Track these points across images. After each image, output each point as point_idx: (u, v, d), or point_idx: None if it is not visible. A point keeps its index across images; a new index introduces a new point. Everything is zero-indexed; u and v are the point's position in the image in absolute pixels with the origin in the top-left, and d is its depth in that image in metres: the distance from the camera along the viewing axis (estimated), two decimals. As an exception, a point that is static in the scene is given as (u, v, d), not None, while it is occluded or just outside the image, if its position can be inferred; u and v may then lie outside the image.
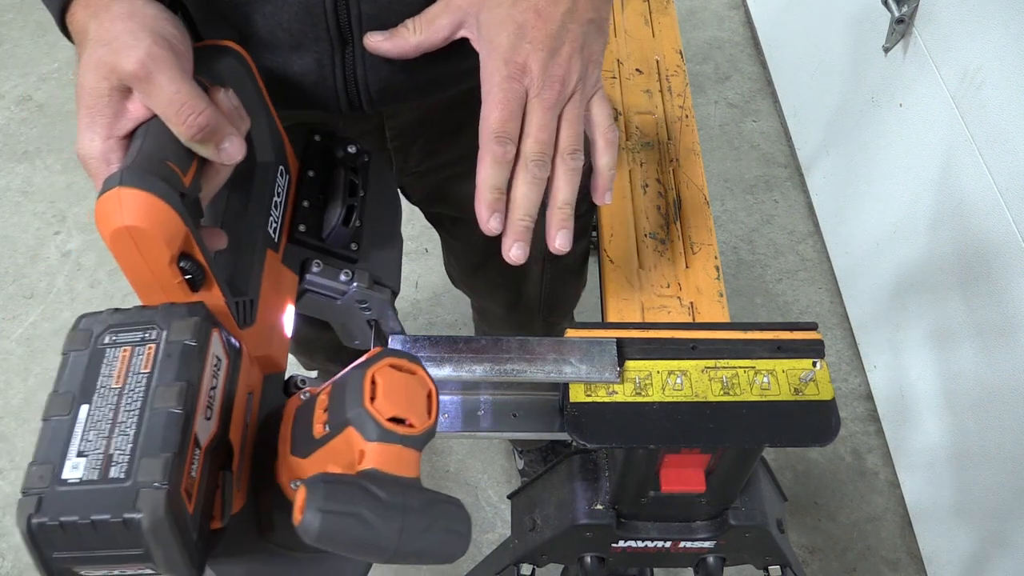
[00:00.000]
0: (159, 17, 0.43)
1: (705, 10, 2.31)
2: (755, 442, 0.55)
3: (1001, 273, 1.10)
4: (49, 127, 2.07)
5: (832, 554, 1.43)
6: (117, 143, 0.42)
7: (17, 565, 1.42)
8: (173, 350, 0.35)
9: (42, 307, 1.74)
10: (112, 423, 0.34)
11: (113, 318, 0.37)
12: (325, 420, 0.37)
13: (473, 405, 0.60)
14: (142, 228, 0.36)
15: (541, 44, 0.48)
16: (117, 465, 0.32)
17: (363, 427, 0.34)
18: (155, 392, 0.34)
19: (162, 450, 0.32)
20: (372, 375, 0.35)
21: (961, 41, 1.16)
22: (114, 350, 0.36)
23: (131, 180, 0.36)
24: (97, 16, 0.43)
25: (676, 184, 0.80)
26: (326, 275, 0.51)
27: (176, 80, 0.41)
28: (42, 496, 0.32)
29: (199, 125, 0.40)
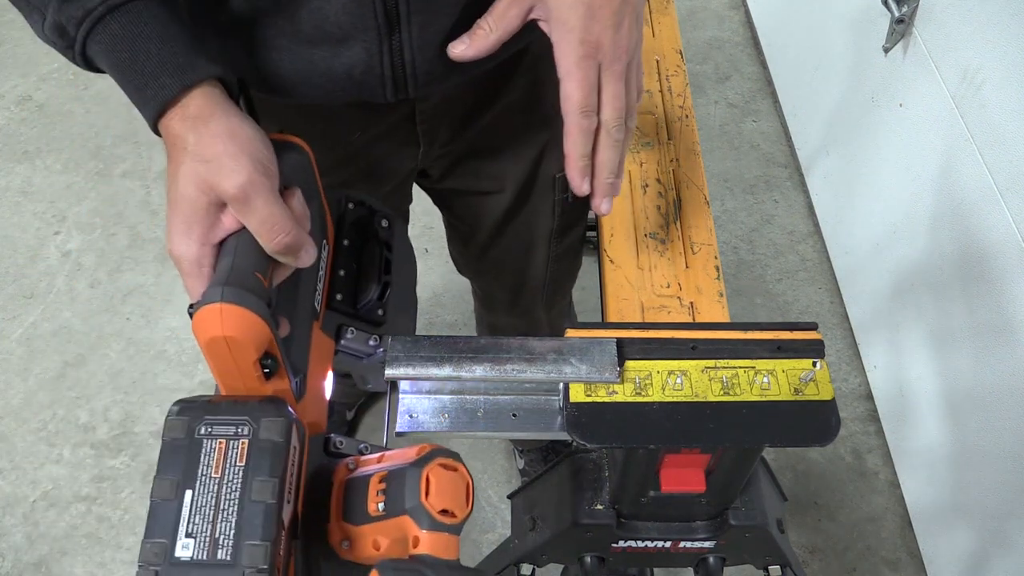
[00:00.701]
0: (255, 139, 0.47)
1: (705, 10, 2.31)
2: (755, 442, 0.55)
3: (1001, 273, 1.10)
4: (49, 127, 2.07)
5: (832, 554, 1.43)
6: (211, 249, 0.46)
7: (17, 565, 1.42)
8: (264, 446, 0.41)
9: (42, 307, 1.74)
10: (215, 509, 0.39)
11: (208, 410, 0.42)
12: (381, 501, 0.43)
13: (473, 405, 0.60)
14: (238, 339, 0.41)
15: (609, 21, 0.53)
16: (223, 548, 0.38)
17: (419, 518, 0.42)
18: (252, 485, 0.40)
19: (262, 538, 0.39)
20: (427, 474, 0.43)
21: (961, 41, 1.16)
22: (211, 441, 0.41)
23: (230, 297, 0.42)
24: (196, 130, 0.46)
25: (676, 184, 0.80)
26: (357, 340, 0.57)
27: (270, 203, 0.45)
28: (158, 571, 0.38)
29: (287, 244, 0.46)
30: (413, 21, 0.59)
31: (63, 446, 1.55)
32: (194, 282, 0.46)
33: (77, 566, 1.42)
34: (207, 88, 0.48)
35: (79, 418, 1.58)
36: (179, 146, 0.47)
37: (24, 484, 1.51)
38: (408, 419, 0.59)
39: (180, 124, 0.47)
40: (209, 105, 0.47)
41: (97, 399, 1.61)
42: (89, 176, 1.97)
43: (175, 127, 0.47)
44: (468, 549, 1.42)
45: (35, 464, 1.53)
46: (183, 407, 0.43)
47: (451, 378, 0.56)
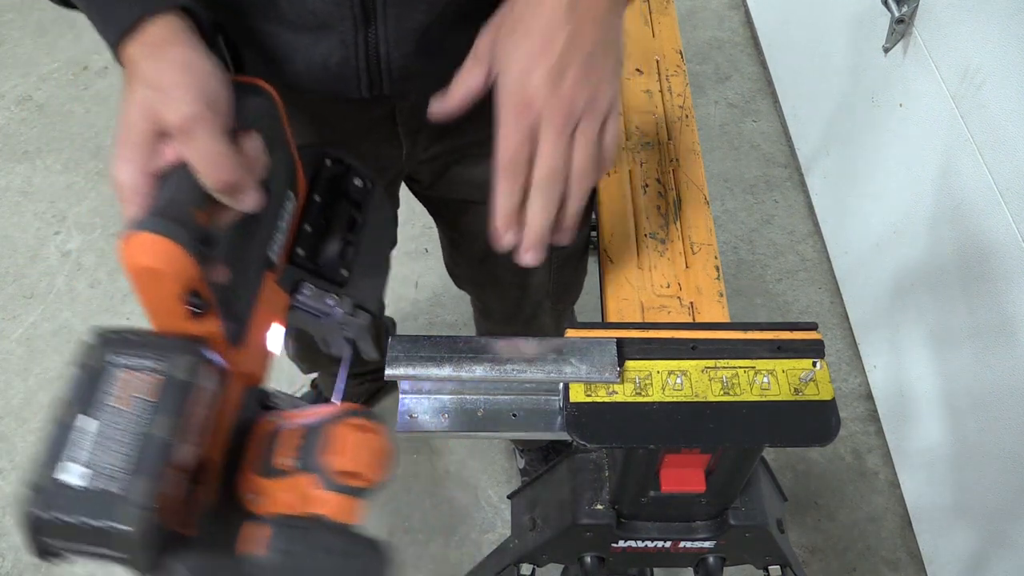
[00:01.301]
0: (210, 74, 0.46)
1: (705, 10, 2.31)
2: (755, 442, 0.55)
3: (1001, 273, 1.10)
4: (49, 127, 2.07)
5: (832, 554, 1.43)
6: (148, 179, 0.45)
7: (17, 565, 1.42)
8: (170, 383, 0.40)
9: (42, 307, 1.74)
10: (111, 440, 0.38)
11: (122, 339, 0.42)
12: (289, 457, 0.42)
13: (473, 405, 0.60)
14: (160, 269, 0.40)
15: (547, 72, 0.50)
16: (112, 480, 0.37)
17: (320, 477, 0.41)
18: (152, 421, 0.39)
19: (151, 474, 0.37)
20: (334, 432, 0.42)
21: (961, 41, 1.16)
22: (119, 371, 0.40)
23: (155, 227, 0.41)
24: (153, 57, 0.46)
25: (676, 184, 0.80)
26: (314, 298, 0.55)
27: (213, 139, 0.44)
28: (43, 493, 0.37)
29: (225, 182, 0.44)
30: (389, 14, 0.59)
31: (63, 446, 1.55)
32: (130, 209, 0.45)
33: (77, 566, 1.42)
34: (171, 18, 0.47)
35: (79, 418, 1.59)
36: (135, 72, 0.46)
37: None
38: (408, 419, 0.59)
39: (138, 50, 0.47)
40: (169, 34, 0.47)
41: (97, 399, 1.61)
42: (89, 176, 1.97)
43: (133, 53, 0.47)
44: (468, 549, 1.42)
45: (35, 464, 1.53)
46: (100, 335, 0.42)
47: (451, 378, 0.56)
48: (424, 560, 1.42)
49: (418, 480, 1.51)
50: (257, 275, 0.50)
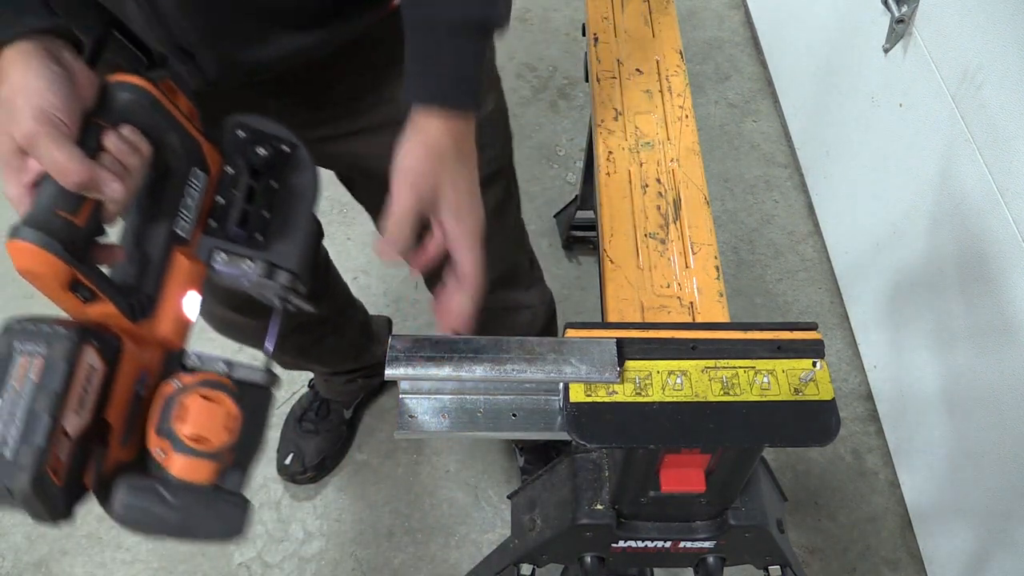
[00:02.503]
0: (43, 91, 0.51)
1: (705, 10, 2.31)
2: (755, 442, 0.55)
3: (1001, 273, 1.10)
4: (49, 127, 2.07)
5: (832, 554, 1.43)
6: (26, 190, 0.51)
7: (17, 565, 1.42)
8: (51, 364, 0.48)
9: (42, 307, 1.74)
10: (10, 415, 0.46)
11: (25, 330, 0.50)
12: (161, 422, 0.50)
13: (473, 405, 0.60)
14: (35, 271, 0.49)
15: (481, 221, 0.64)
16: (7, 447, 0.46)
17: (171, 440, 0.49)
18: (35, 398, 0.47)
19: (34, 442, 0.45)
20: (184, 400, 0.50)
21: (961, 41, 1.16)
22: (19, 357, 0.49)
23: (23, 235, 0.48)
24: (2, 85, 0.52)
25: (676, 184, 0.80)
26: (230, 264, 0.60)
27: (54, 148, 0.49)
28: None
29: (75, 183, 0.50)
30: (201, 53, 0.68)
31: (63, 446, 1.55)
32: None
33: (77, 566, 1.42)
34: (23, 43, 0.52)
35: (79, 418, 1.58)
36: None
37: (24, 484, 1.51)
38: (408, 419, 0.59)
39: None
40: (15, 60, 0.52)
41: (97, 399, 1.61)
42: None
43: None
44: (468, 549, 1.42)
45: (35, 464, 1.53)
46: (8, 325, 0.50)
47: (451, 378, 0.56)
48: (424, 560, 1.42)
49: (418, 480, 1.51)
50: (164, 251, 0.57)
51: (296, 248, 0.63)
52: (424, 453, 1.54)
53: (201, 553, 1.44)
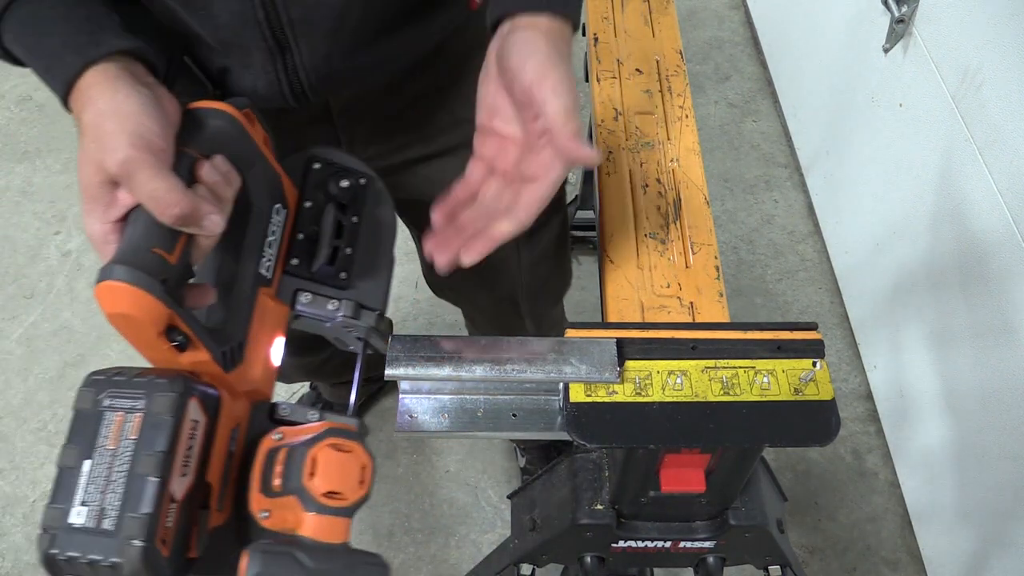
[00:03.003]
0: (138, 115, 0.47)
1: (705, 10, 2.31)
2: (755, 442, 0.55)
3: (1001, 273, 1.10)
4: (49, 127, 2.07)
5: (832, 554, 1.43)
6: (113, 226, 0.47)
7: (17, 565, 1.42)
8: (155, 421, 0.42)
9: (42, 307, 1.74)
10: (107, 480, 0.41)
11: (113, 382, 0.44)
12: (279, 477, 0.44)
13: (473, 405, 0.60)
14: (130, 314, 0.42)
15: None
16: (108, 518, 0.40)
17: (302, 499, 0.43)
18: (138, 459, 0.41)
19: (141, 511, 0.40)
20: (314, 455, 0.44)
21: (961, 41, 1.16)
22: (111, 414, 0.43)
23: (119, 275, 0.43)
24: (87, 109, 0.47)
25: (676, 184, 0.80)
26: (315, 305, 0.56)
27: (153, 178, 0.45)
28: (55, 535, 0.40)
29: (175, 215, 0.45)
30: (300, 43, 0.61)
31: (63, 446, 1.55)
32: (104, 259, 0.47)
33: (77, 566, 1.42)
34: (106, 64, 0.48)
35: (79, 418, 1.59)
36: (79, 126, 0.48)
37: (24, 484, 1.51)
38: (408, 419, 0.59)
39: (77, 103, 0.48)
40: (100, 82, 0.48)
41: (97, 399, 1.61)
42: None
43: (74, 106, 0.49)
44: (468, 550, 1.42)
45: (35, 464, 1.53)
46: (93, 379, 0.44)
47: (451, 378, 0.56)
48: (424, 560, 1.42)
49: (418, 480, 1.51)
50: (251, 293, 0.52)
51: (382, 286, 0.59)
52: (424, 453, 1.54)
53: (201, 553, 1.44)
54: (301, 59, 0.62)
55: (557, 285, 1.07)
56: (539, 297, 1.02)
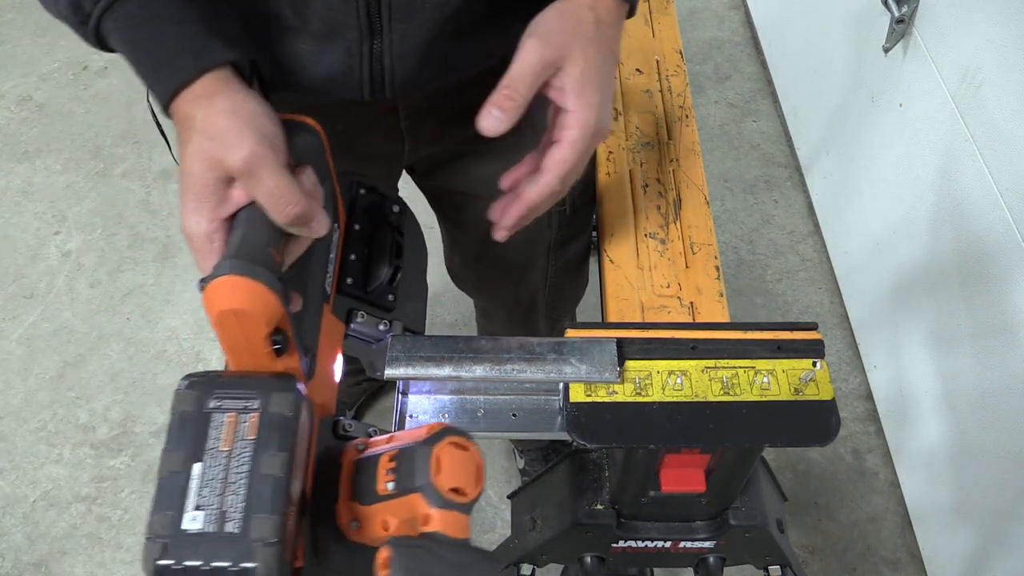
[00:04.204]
0: (260, 114, 0.48)
1: (705, 10, 2.31)
2: (755, 442, 0.55)
3: (1001, 273, 1.10)
4: (49, 127, 2.07)
5: (832, 554, 1.43)
6: (221, 224, 0.47)
7: (17, 565, 1.42)
8: (274, 420, 0.41)
9: (42, 307, 1.74)
10: (224, 483, 0.39)
11: (218, 384, 0.42)
12: (390, 480, 0.44)
13: (473, 405, 0.60)
14: (248, 311, 0.41)
15: (610, 111, 0.58)
16: (232, 521, 0.38)
17: (429, 496, 0.42)
18: (261, 459, 0.40)
19: (271, 511, 0.39)
20: (438, 453, 0.43)
21: (961, 41, 1.16)
22: (220, 415, 0.41)
23: (240, 269, 0.42)
24: (203, 107, 0.47)
25: (676, 184, 0.80)
26: (368, 325, 0.57)
27: (275, 175, 0.46)
28: (167, 543, 0.38)
29: (295, 214, 0.46)
30: (394, 29, 0.60)
31: (63, 446, 1.55)
32: (205, 258, 0.46)
33: (77, 566, 1.42)
34: (216, 70, 0.48)
35: (79, 418, 1.58)
36: (187, 125, 0.48)
37: (24, 484, 1.51)
38: (408, 419, 0.59)
39: (188, 104, 0.48)
40: (215, 84, 0.48)
41: (97, 399, 1.61)
42: (89, 176, 1.97)
43: (184, 107, 0.48)
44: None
45: (35, 464, 1.53)
46: (193, 381, 0.43)
47: (451, 378, 0.57)
48: (424, 560, 1.42)
49: (418, 480, 1.51)
50: (319, 307, 0.52)
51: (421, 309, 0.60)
52: (424, 453, 1.54)
53: (201, 553, 1.44)
54: (391, 46, 0.61)
55: (575, 294, 1.09)
56: (558, 303, 1.04)
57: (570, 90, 0.55)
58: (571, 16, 0.55)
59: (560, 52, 0.55)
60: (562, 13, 0.56)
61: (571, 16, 0.55)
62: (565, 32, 0.55)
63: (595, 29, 0.56)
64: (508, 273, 0.97)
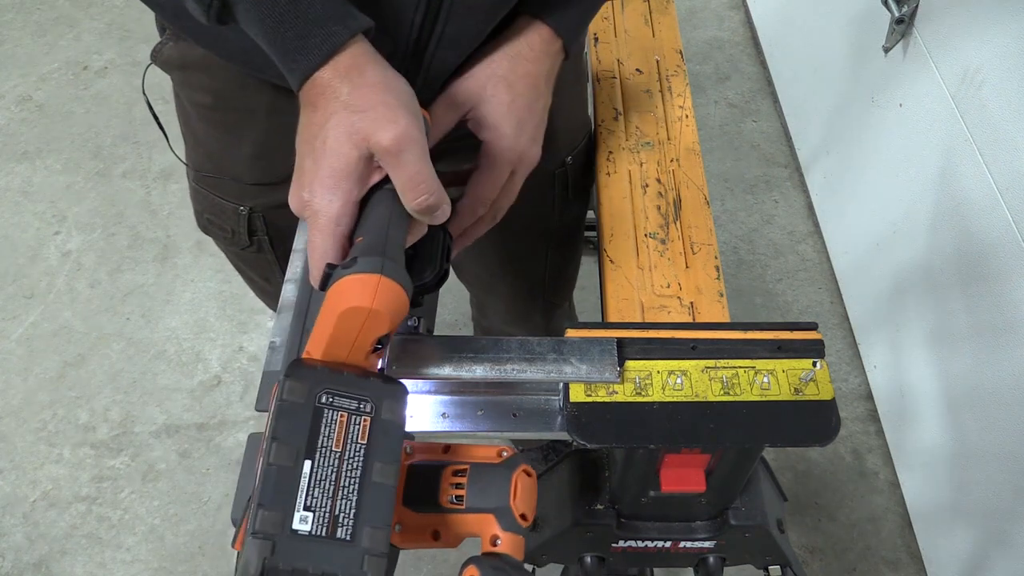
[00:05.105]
0: (410, 94, 0.46)
1: (705, 10, 2.31)
2: (755, 442, 0.55)
3: (1001, 273, 1.10)
4: (49, 127, 2.07)
5: (832, 554, 1.43)
6: (352, 208, 0.45)
7: (17, 565, 1.42)
8: (386, 428, 0.40)
9: (42, 307, 1.74)
10: (335, 485, 0.38)
11: (329, 378, 0.40)
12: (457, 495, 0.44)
13: (473, 405, 0.59)
14: (382, 314, 0.40)
15: (532, 135, 0.61)
16: (343, 527, 0.37)
17: (503, 519, 0.43)
18: (374, 466, 0.39)
19: (384, 522, 0.38)
20: (515, 479, 0.43)
21: (961, 41, 1.16)
22: (332, 412, 0.39)
23: (391, 272, 0.41)
24: (350, 79, 0.45)
25: (676, 184, 0.80)
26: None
27: (420, 160, 0.44)
28: (276, 542, 0.36)
29: (429, 204, 0.45)
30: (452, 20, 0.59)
31: (63, 446, 1.55)
32: (325, 240, 0.45)
33: (77, 566, 1.42)
34: (360, 40, 0.46)
35: (79, 418, 1.58)
36: (330, 96, 0.45)
37: (24, 484, 1.51)
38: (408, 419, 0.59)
39: (332, 74, 0.45)
40: (363, 55, 0.46)
41: (97, 399, 1.61)
42: (89, 176, 1.97)
43: (326, 77, 0.46)
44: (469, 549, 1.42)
45: (35, 464, 1.53)
46: (303, 371, 0.40)
47: (451, 378, 0.56)
48: (424, 560, 1.42)
49: (418, 480, 1.51)
50: None
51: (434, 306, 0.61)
52: (424, 453, 1.54)
53: (201, 553, 1.44)
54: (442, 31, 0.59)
55: (571, 273, 1.08)
56: (558, 287, 1.04)
57: (483, 124, 0.59)
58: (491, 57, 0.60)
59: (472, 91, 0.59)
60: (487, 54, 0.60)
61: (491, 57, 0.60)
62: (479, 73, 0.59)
63: (510, 66, 0.59)
64: (510, 264, 0.97)
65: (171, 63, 0.72)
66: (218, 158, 0.77)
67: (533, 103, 0.60)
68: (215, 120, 0.74)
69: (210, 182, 0.80)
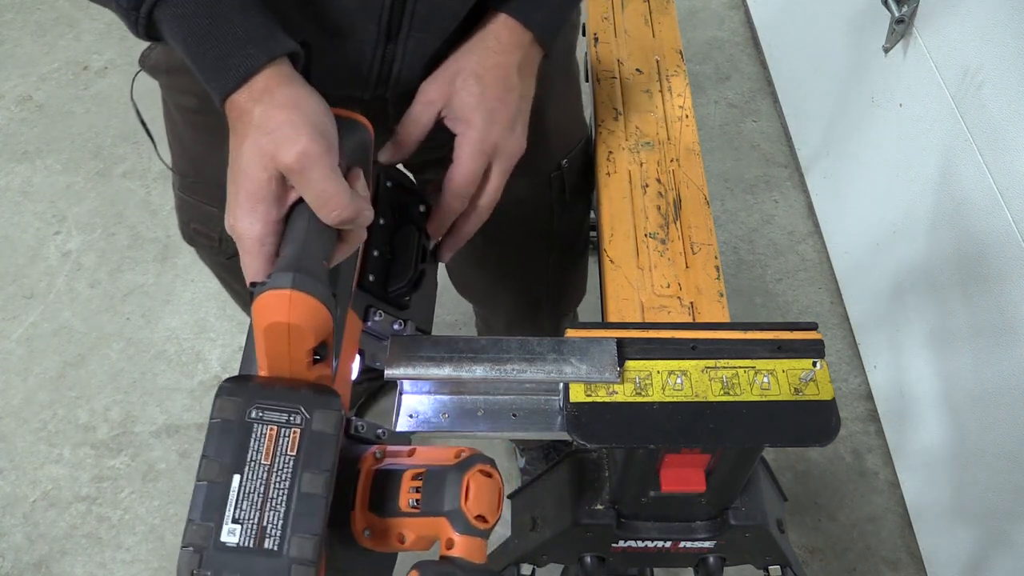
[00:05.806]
0: (319, 111, 0.46)
1: (705, 10, 2.31)
2: (755, 442, 0.55)
3: (1001, 273, 1.10)
4: (49, 127, 2.07)
5: (832, 554, 1.43)
6: (274, 227, 0.46)
7: (17, 565, 1.42)
8: (317, 438, 0.40)
9: (42, 307, 1.74)
10: (264, 497, 0.39)
11: (259, 393, 0.41)
12: (415, 498, 0.44)
13: (473, 405, 0.60)
14: (302, 327, 0.41)
15: (506, 125, 0.61)
16: (271, 538, 0.38)
17: (456, 522, 0.43)
18: (303, 477, 0.39)
19: (312, 532, 0.38)
20: (468, 480, 0.43)
21: (961, 41, 1.16)
22: (261, 426, 0.40)
23: (301, 284, 0.41)
24: (262, 102, 0.46)
25: (676, 184, 0.80)
26: (384, 324, 0.57)
27: (326, 176, 0.44)
28: (203, 554, 0.38)
29: (342, 218, 0.45)
30: (411, 36, 0.61)
31: (63, 446, 1.55)
32: (253, 260, 0.45)
33: (77, 566, 1.42)
34: (279, 62, 0.47)
35: (79, 418, 1.58)
36: (244, 120, 0.46)
37: (24, 484, 1.51)
38: (408, 419, 0.59)
39: (247, 97, 0.46)
40: (276, 77, 0.47)
41: (97, 399, 1.61)
42: (89, 176, 1.97)
43: (241, 101, 0.47)
44: (468, 549, 1.42)
45: (35, 464, 1.53)
46: (235, 387, 0.41)
47: (451, 378, 0.56)
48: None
49: (418, 480, 1.51)
50: (345, 308, 0.51)
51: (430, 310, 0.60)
52: (424, 453, 1.54)
53: (201, 553, 1.44)
54: (404, 52, 0.62)
55: (579, 286, 1.08)
56: (563, 296, 1.04)
57: (455, 118, 0.60)
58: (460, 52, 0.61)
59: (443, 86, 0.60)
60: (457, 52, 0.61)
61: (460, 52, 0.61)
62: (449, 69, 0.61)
63: (478, 59, 0.60)
64: (512, 273, 0.96)
65: (158, 67, 0.72)
66: (204, 162, 0.78)
67: (505, 94, 0.61)
68: (200, 123, 0.74)
69: (196, 188, 0.80)
